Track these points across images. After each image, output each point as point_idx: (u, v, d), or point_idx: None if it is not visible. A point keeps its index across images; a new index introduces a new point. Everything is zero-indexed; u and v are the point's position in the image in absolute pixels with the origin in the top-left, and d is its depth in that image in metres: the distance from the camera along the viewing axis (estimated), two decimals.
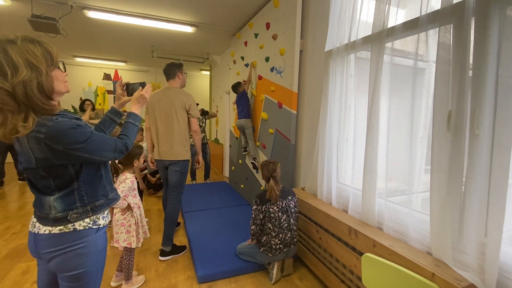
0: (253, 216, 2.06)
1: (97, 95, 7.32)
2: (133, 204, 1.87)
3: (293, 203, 2.07)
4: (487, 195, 1.13)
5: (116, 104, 1.27)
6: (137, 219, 1.88)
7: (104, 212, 1.08)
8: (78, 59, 6.33)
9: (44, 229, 0.96)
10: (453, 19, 1.22)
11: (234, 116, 3.91)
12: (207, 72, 7.37)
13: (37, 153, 0.88)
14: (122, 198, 1.78)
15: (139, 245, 1.94)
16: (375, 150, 1.65)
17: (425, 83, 1.62)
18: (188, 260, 2.38)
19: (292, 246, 2.05)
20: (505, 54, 1.08)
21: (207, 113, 5.18)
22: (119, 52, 5.78)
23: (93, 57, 6.23)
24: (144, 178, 3.88)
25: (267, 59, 3.12)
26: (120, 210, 1.86)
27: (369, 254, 1.46)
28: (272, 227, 2.00)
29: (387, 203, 1.64)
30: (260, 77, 3.34)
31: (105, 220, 1.08)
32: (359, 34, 1.83)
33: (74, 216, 0.97)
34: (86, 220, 1.00)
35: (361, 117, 1.89)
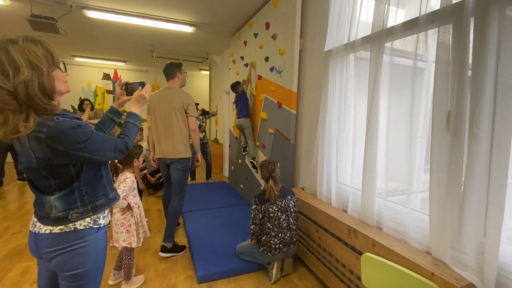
0: (253, 216, 2.07)
1: (97, 95, 7.31)
2: (133, 204, 1.87)
3: (293, 203, 2.07)
4: (486, 195, 1.13)
5: (115, 104, 1.27)
6: (137, 218, 1.89)
7: (105, 212, 1.08)
8: (77, 59, 6.32)
9: (44, 228, 0.96)
10: (453, 19, 1.23)
11: (234, 116, 3.91)
12: (207, 72, 7.36)
13: (38, 153, 0.88)
14: (122, 198, 1.79)
15: (140, 244, 1.94)
16: (375, 150, 1.65)
17: (425, 83, 1.62)
18: (187, 260, 2.38)
19: (291, 245, 2.06)
20: (504, 54, 1.09)
21: (207, 113, 5.17)
22: (118, 52, 5.77)
23: (93, 57, 6.22)
24: (143, 178, 3.88)
25: (266, 59, 3.12)
26: (120, 210, 1.86)
27: (368, 254, 1.46)
28: (271, 227, 2.00)
29: (387, 203, 1.64)
30: (259, 77, 3.34)
31: (105, 220, 1.08)
32: (358, 34, 1.84)
33: (75, 215, 0.97)
34: (87, 220, 1.00)
35: (360, 117, 1.90)
